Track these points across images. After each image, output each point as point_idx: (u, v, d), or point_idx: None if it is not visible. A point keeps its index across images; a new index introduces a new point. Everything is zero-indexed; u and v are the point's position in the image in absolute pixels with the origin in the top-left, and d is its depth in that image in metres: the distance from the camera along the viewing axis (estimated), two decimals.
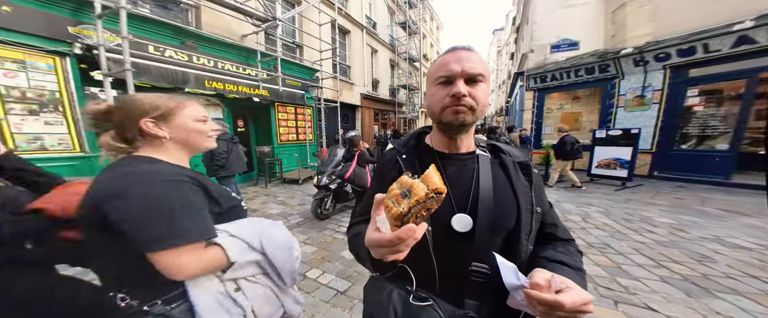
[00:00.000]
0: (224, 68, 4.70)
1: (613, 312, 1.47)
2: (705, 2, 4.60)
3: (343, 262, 2.14)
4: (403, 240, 0.32)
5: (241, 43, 5.19)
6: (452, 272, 0.48)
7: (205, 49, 4.50)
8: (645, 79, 5.35)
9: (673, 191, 4.25)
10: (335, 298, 1.70)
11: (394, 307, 0.47)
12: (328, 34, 7.08)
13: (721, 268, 1.87)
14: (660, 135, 5.18)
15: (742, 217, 2.93)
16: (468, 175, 0.52)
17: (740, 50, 4.26)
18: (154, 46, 3.68)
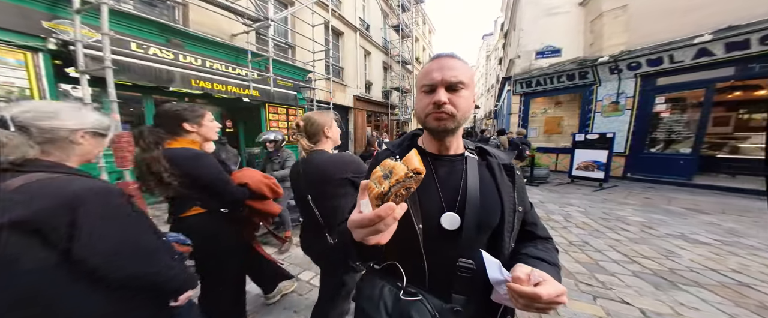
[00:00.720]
0: (212, 67, 4.55)
1: (593, 307, 1.55)
2: (671, 16, 4.93)
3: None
4: (383, 218, 0.31)
5: (230, 42, 5.04)
6: (441, 268, 0.50)
7: (192, 48, 4.33)
8: (619, 86, 5.69)
9: (644, 191, 4.54)
10: None
11: (385, 302, 0.49)
12: (321, 36, 7.00)
13: (685, 263, 2.02)
14: (632, 139, 5.52)
15: (702, 215, 3.19)
16: (457, 176, 0.54)
17: (700, 62, 4.61)
18: (136, 44, 3.50)
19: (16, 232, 0.45)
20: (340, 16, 8.45)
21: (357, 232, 0.35)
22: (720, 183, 4.55)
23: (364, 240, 0.34)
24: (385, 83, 12.71)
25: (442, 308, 0.47)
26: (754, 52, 4.10)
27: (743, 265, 1.96)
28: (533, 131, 7.61)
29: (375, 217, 0.31)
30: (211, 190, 1.00)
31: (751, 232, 2.61)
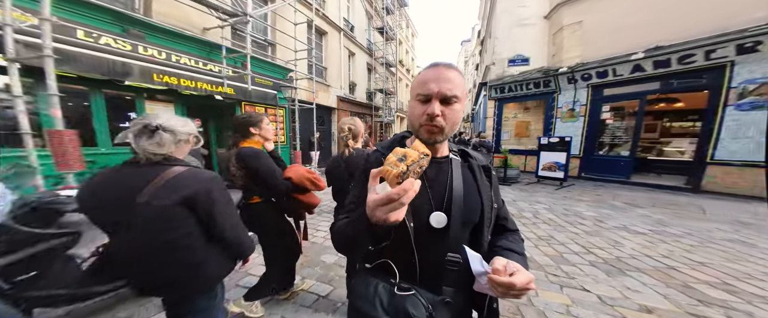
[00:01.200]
0: (179, 62, 4.08)
1: (560, 295, 1.74)
2: (616, 33, 5.62)
3: (324, 267, 2.10)
4: (407, 191, 0.36)
5: (202, 36, 4.57)
6: (431, 263, 0.53)
7: (155, 40, 3.86)
8: (575, 94, 6.41)
9: (595, 189, 5.19)
10: (317, 302, 1.66)
11: (380, 299, 0.50)
12: (303, 34, 6.74)
13: (628, 251, 2.38)
14: (585, 143, 6.23)
15: (638, 209, 3.78)
16: (444, 177, 0.57)
17: (635, 76, 5.36)
18: (84, 31, 3.02)
19: (183, 204, 0.76)
20: (323, 16, 8.22)
21: (381, 210, 0.38)
22: (650, 181, 5.41)
23: (386, 217, 0.38)
24: (369, 85, 12.67)
25: (434, 301, 0.50)
26: (673, 70, 4.90)
27: (669, 251, 2.37)
28: (506, 134, 8.21)
29: (401, 190, 0.36)
30: (263, 182, 1.29)
31: (675, 223, 3.16)
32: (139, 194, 0.73)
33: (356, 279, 0.60)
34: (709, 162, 4.63)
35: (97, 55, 3.05)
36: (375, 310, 0.50)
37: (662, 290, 1.75)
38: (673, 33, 4.83)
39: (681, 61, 4.77)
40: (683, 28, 4.74)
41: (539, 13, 7.36)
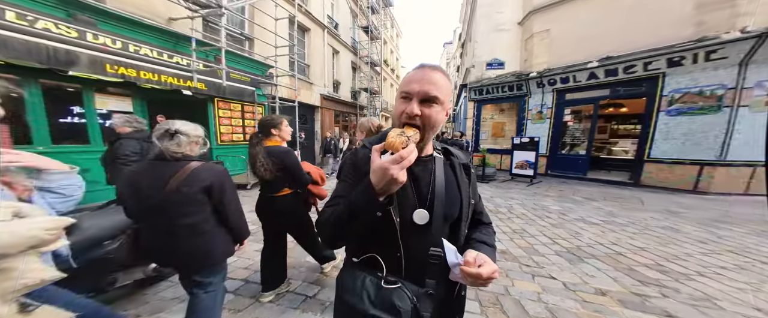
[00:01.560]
0: (139, 52, 3.62)
1: (532, 284, 1.92)
2: (576, 42, 6.20)
3: (310, 268, 2.08)
4: (411, 152, 0.45)
5: (167, 26, 4.10)
6: (415, 258, 0.56)
7: (108, 27, 3.43)
8: (542, 98, 7.01)
9: (559, 185, 5.75)
10: (304, 303, 1.65)
11: (368, 292, 0.53)
12: (285, 30, 6.44)
13: (585, 240, 2.70)
14: (551, 143, 6.88)
15: (593, 202, 4.30)
16: (427, 174, 0.61)
17: (590, 82, 6.00)
18: (16, 13, 2.57)
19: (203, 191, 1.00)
20: (306, 12, 7.93)
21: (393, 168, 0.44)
22: (602, 177, 6.16)
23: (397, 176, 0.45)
24: (354, 83, 12.48)
25: (418, 292, 0.54)
26: (620, 79, 5.59)
27: (617, 238, 2.75)
28: (484, 134, 8.69)
29: (406, 152, 0.45)
30: (293, 176, 1.53)
31: (621, 213, 3.66)
32: (168, 183, 0.96)
33: (343, 273, 0.62)
34: (646, 160, 5.41)
35: (33, 40, 2.64)
36: (362, 302, 0.52)
37: (612, 274, 2.03)
38: (621, 45, 5.50)
39: (626, 70, 5.47)
40: (630, 41, 5.40)
41: (514, 19, 7.86)
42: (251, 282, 1.90)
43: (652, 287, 1.83)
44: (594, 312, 1.56)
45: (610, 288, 1.83)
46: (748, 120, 4.39)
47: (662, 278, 1.95)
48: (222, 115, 5.28)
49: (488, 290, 1.81)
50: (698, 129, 4.78)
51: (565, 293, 1.79)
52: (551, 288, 1.86)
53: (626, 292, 1.77)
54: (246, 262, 2.19)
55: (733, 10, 4.41)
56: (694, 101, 4.80)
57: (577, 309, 1.59)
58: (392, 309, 0.51)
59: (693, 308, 1.58)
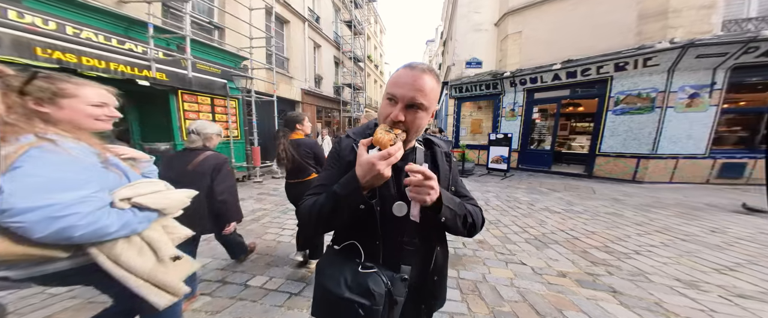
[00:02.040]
0: (80, 36, 3.11)
1: (506, 270, 2.13)
2: (544, 45, 6.69)
3: (294, 265, 2.08)
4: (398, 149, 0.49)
5: (116, 9, 3.55)
6: (392, 246, 0.59)
7: (37, 5, 2.92)
8: (515, 97, 7.54)
9: (528, 178, 6.31)
10: (289, 300, 1.65)
11: (345, 277, 0.56)
12: (261, 21, 6.00)
13: (549, 228, 3.05)
14: (522, 139, 7.47)
15: (556, 193, 4.83)
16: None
17: (554, 83, 6.57)
18: None
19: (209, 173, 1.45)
20: (285, 3, 7.49)
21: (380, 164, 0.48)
22: (563, 170, 6.89)
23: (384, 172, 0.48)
24: (337, 79, 12.13)
25: (393, 277, 0.57)
26: (578, 80, 6.21)
27: (574, 225, 3.15)
28: (463, 131, 9.09)
29: (393, 149, 0.49)
30: (320, 162, 1.84)
31: (578, 202, 4.18)
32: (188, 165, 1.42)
33: (324, 259, 0.65)
34: (597, 154, 6.17)
35: None
36: (339, 287, 0.55)
37: (570, 257, 2.34)
38: (580, 50, 6.09)
39: (583, 73, 6.10)
40: (586, 46, 5.99)
41: (491, 20, 8.20)
42: (229, 283, 1.85)
43: (600, 267, 2.15)
44: (557, 293, 1.79)
45: (569, 270, 2.12)
46: (673, 119, 5.23)
47: (608, 258, 2.30)
48: (188, 109, 4.79)
49: (468, 278, 1.97)
50: (636, 126, 5.57)
51: (534, 277, 2.02)
52: (522, 273, 2.08)
53: (582, 273, 2.06)
54: (221, 262, 2.11)
55: (665, 23, 5.13)
56: (634, 102, 5.55)
57: (543, 291, 1.82)
58: (367, 293, 0.53)
59: (631, 283, 1.90)
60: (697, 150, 5.22)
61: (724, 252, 2.38)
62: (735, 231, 2.88)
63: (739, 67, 4.80)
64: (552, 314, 1.56)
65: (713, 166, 5.23)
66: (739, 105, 5.23)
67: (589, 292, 1.79)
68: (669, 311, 1.57)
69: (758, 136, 5.21)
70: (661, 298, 1.70)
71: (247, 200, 4.06)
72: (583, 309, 1.61)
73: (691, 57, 4.81)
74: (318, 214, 0.56)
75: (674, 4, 5.01)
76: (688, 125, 5.17)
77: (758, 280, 1.89)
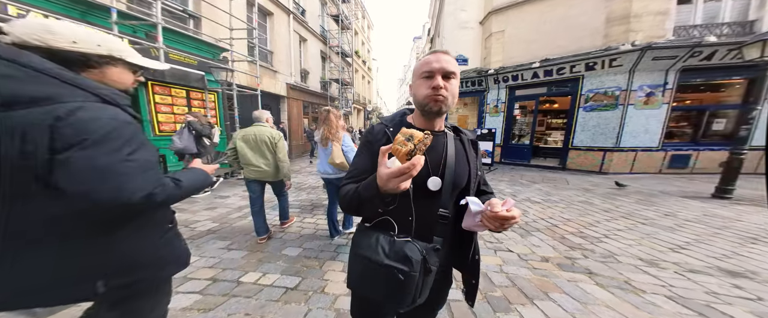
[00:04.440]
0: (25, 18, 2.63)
1: (495, 258, 2.23)
2: (524, 44, 6.95)
3: (287, 260, 2.05)
4: (415, 165, 0.44)
5: None
6: (424, 219, 0.63)
7: None
8: (498, 94, 7.86)
9: (510, 171, 6.65)
10: (286, 295, 1.62)
11: (382, 246, 0.59)
12: (242, 12, 5.68)
13: (532, 217, 3.26)
14: (504, 134, 7.86)
15: (535, 184, 5.15)
16: (440, 148, 0.66)
17: (533, 81, 6.91)
18: None
19: None
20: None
21: (393, 181, 0.46)
22: (541, 163, 7.35)
23: (396, 187, 0.47)
24: (324, 74, 11.74)
25: (426, 247, 0.60)
26: (554, 79, 6.60)
27: (553, 213, 3.38)
28: None
29: (411, 165, 0.45)
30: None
31: (554, 193, 4.49)
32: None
33: (358, 234, 0.67)
34: (570, 148, 6.65)
35: None
36: (378, 255, 0.58)
37: (551, 243, 2.52)
38: (555, 49, 6.44)
39: (558, 72, 6.48)
40: (561, 46, 6.33)
41: (476, 18, 8.34)
42: (220, 280, 1.78)
43: (577, 251, 2.34)
44: (542, 277, 1.93)
45: (551, 255, 2.28)
46: (633, 115, 5.78)
47: (583, 242, 2.51)
48: (160, 101, 4.37)
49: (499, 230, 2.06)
50: (603, 122, 6.07)
51: (520, 262, 2.15)
52: (509, 259, 2.20)
53: (561, 257, 2.23)
54: (210, 260, 2.03)
55: (628, 27, 5.57)
56: (601, 100, 6.03)
57: (529, 276, 1.94)
58: (405, 259, 0.56)
59: (603, 264, 2.09)
60: (652, 143, 5.83)
61: (676, 233, 2.70)
62: (684, 214, 3.28)
63: (687, 69, 5.39)
64: (539, 296, 1.68)
65: (665, 157, 5.88)
66: (686, 103, 5.90)
67: (569, 275, 1.94)
68: (637, 288, 1.76)
69: (700, 131, 5.95)
70: (629, 277, 1.89)
71: (231, 197, 3.84)
72: (566, 290, 1.74)
73: (648, 59, 5.30)
74: (356, 205, 0.59)
75: (635, 10, 5.45)
76: (645, 121, 5.74)
77: (704, 256, 2.18)
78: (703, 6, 5.47)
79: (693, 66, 5.31)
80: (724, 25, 5.36)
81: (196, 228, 2.73)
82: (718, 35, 5.21)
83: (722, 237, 2.57)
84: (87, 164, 0.49)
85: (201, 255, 2.12)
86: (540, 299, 1.64)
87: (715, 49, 4.99)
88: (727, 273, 1.91)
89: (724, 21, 5.38)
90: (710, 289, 1.72)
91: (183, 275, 1.82)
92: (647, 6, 5.38)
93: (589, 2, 5.98)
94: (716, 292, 1.68)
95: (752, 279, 1.83)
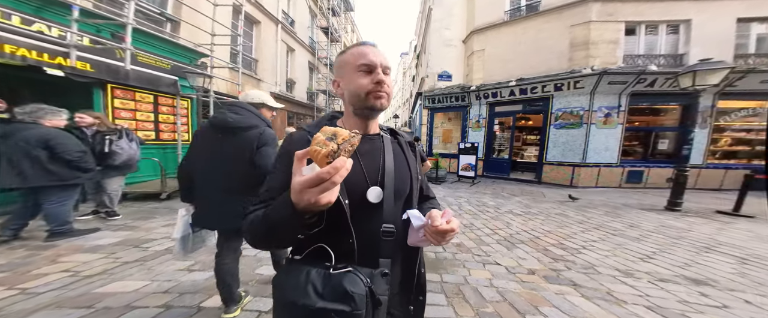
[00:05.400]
0: None
1: (484, 271, 2.18)
2: (502, 63, 7.56)
3: (261, 280, 1.84)
4: (338, 169, 0.33)
5: None
6: (367, 238, 0.52)
7: None
8: (479, 109, 8.33)
9: (492, 184, 6.88)
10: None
11: (314, 284, 0.45)
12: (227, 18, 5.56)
13: (515, 229, 3.31)
14: (486, 148, 8.28)
15: (516, 197, 5.35)
16: (377, 153, 0.59)
17: (511, 98, 7.42)
18: None
19: None
20: (257, 3, 7.11)
21: (310, 193, 0.34)
22: (519, 177, 7.75)
23: (316, 200, 0.34)
24: (311, 84, 11.73)
25: (372, 274, 0.49)
26: (528, 97, 7.18)
27: (534, 225, 3.48)
28: (436, 140, 9.56)
29: (331, 169, 0.32)
30: None
31: (534, 205, 4.68)
32: None
33: (281, 273, 0.53)
34: (544, 163, 7.13)
35: None
36: (308, 297, 0.44)
37: (535, 255, 2.55)
38: (529, 70, 7.08)
39: (531, 91, 7.07)
40: (533, 66, 6.98)
41: (459, 36, 8.97)
42: (175, 307, 1.51)
43: (560, 262, 2.38)
44: (531, 290, 1.90)
45: (536, 267, 2.29)
46: (595, 134, 6.41)
47: (565, 254, 2.57)
48: (120, 106, 3.94)
49: (451, 282, 1.96)
50: (571, 139, 6.64)
51: (508, 276, 2.11)
52: (498, 273, 2.16)
53: (547, 269, 2.24)
54: (164, 284, 1.74)
55: (587, 52, 6.33)
56: (568, 118, 6.64)
57: (519, 289, 1.90)
58: (344, 296, 0.44)
59: (585, 275, 2.14)
60: (612, 160, 6.46)
61: (642, 243, 2.90)
62: (645, 225, 3.57)
63: (635, 93, 6.19)
64: (530, 311, 1.63)
65: (623, 173, 6.53)
66: (635, 124, 6.71)
67: (556, 287, 1.94)
68: (619, 299, 1.79)
69: (649, 149, 6.75)
70: (611, 288, 1.94)
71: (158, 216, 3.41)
72: (555, 304, 1.72)
73: (605, 83, 6.01)
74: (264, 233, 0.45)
75: (593, 38, 6.26)
76: (605, 139, 6.39)
77: (670, 265, 2.34)
78: (645, 38, 6.44)
79: (640, 91, 6.13)
80: (660, 56, 6.32)
81: (150, 247, 2.35)
82: (658, 65, 6.11)
83: (681, 246, 2.80)
84: (267, 152, 1.24)
85: (153, 279, 1.82)
86: (532, 314, 1.60)
87: (656, 77, 5.82)
88: (692, 281, 2.05)
89: (660, 53, 6.36)
90: (682, 298, 1.81)
91: (125, 304, 1.51)
92: (602, 34, 6.21)
93: (556, 28, 6.75)
94: (687, 301, 1.77)
95: (714, 287, 1.97)
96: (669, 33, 6.36)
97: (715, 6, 5.92)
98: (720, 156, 6.45)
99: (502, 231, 3.22)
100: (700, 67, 3.95)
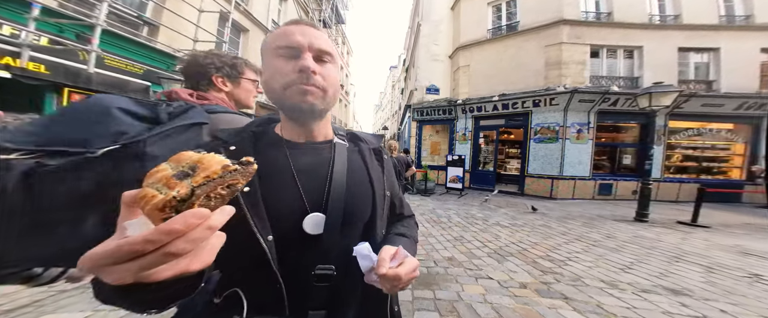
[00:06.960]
0: None
1: (477, 286, 2.10)
2: (486, 78, 8.01)
3: None
4: (177, 234, 0.18)
5: None
6: (302, 282, 0.40)
7: None
8: (466, 123, 8.66)
9: (479, 196, 6.99)
10: None
11: None
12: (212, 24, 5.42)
13: (504, 242, 3.32)
14: (472, 161, 8.54)
15: (502, 209, 5.46)
16: (323, 167, 0.45)
17: (494, 113, 7.83)
18: None
19: None
20: (245, 11, 6.97)
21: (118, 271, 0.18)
22: (503, 189, 8.01)
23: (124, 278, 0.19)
24: None
25: None
26: (510, 112, 7.63)
27: (521, 237, 3.52)
28: (425, 152, 9.69)
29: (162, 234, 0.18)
30: None
31: (519, 217, 4.79)
32: None
33: None
34: (526, 175, 7.47)
35: None
36: None
37: (526, 268, 2.53)
38: (510, 85, 7.55)
39: (513, 106, 7.52)
40: (514, 82, 7.46)
41: (446, 52, 9.46)
42: None
43: (549, 275, 2.38)
44: (524, 305, 1.85)
45: (527, 280, 2.26)
46: (570, 148, 6.87)
47: (553, 266, 2.59)
48: None
49: (445, 299, 1.86)
50: (549, 153, 7.06)
51: (501, 291, 2.05)
52: (491, 288, 2.09)
53: (538, 283, 2.22)
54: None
55: (560, 72, 6.93)
56: (546, 133, 7.10)
57: (513, 305, 1.84)
58: None
59: (574, 287, 2.15)
60: (585, 173, 6.92)
61: (620, 253, 3.02)
62: (621, 236, 3.77)
63: (601, 111, 6.81)
64: None
65: (595, 186, 6.99)
66: (602, 140, 7.32)
67: (548, 301, 1.91)
68: (609, 312, 1.79)
69: (616, 164, 7.34)
70: (600, 300, 1.95)
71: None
72: None
73: (576, 100, 6.56)
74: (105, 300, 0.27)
75: (564, 58, 6.89)
76: (579, 153, 6.87)
77: (648, 275, 2.43)
78: (606, 61, 7.21)
79: (606, 109, 6.75)
80: (620, 78, 7.08)
81: None
82: (619, 86, 6.82)
83: (654, 256, 2.95)
84: None
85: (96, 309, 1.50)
86: None
87: (619, 97, 6.46)
88: (670, 291, 2.13)
89: (620, 75, 7.13)
90: (665, 309, 1.85)
91: None
92: (572, 55, 6.86)
93: (533, 47, 7.36)
94: (670, 312, 1.82)
95: (690, 296, 2.05)
96: (626, 57, 7.20)
97: (660, 35, 6.86)
98: (674, 171, 7.17)
99: (492, 243, 3.20)
100: (655, 90, 4.45)
